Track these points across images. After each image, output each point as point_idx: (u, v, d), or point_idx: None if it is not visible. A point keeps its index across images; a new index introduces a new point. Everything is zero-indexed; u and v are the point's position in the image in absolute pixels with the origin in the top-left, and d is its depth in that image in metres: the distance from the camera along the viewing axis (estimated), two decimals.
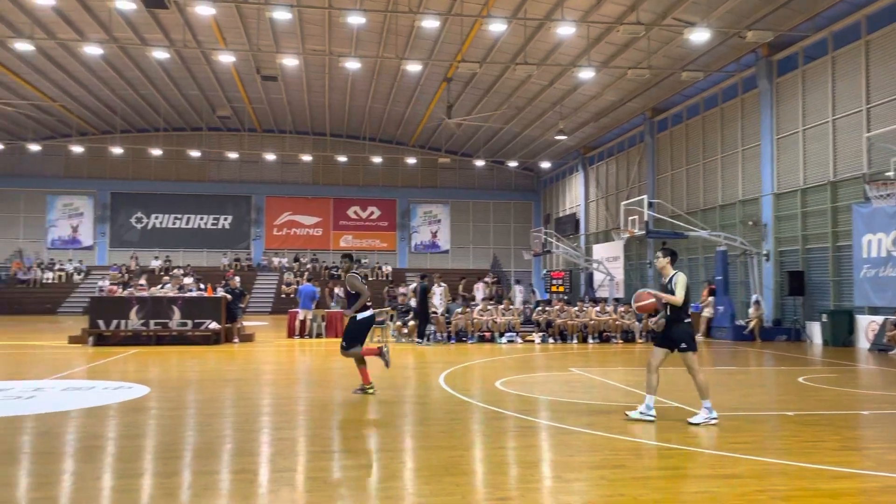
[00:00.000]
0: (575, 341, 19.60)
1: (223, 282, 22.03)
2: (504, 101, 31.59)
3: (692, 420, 7.63)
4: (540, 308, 21.09)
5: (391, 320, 20.30)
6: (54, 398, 9.39)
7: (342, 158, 40.75)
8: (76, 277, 39.28)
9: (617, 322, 20.02)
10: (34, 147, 36.98)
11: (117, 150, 37.90)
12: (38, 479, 5.61)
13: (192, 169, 42.50)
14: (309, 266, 41.47)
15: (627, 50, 23.70)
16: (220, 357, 15.18)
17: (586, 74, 23.90)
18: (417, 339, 18.61)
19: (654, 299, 7.88)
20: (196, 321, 17.76)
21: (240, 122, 39.91)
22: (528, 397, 9.77)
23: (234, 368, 13.48)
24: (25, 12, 22.97)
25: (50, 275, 38.97)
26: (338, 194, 44.23)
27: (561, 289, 33.75)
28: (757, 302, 21.11)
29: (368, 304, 9.76)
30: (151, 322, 17.56)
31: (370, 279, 41.06)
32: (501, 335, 19.46)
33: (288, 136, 42.61)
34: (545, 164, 40.36)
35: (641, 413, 7.76)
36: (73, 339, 17.99)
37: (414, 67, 26.11)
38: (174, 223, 42.81)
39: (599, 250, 33.62)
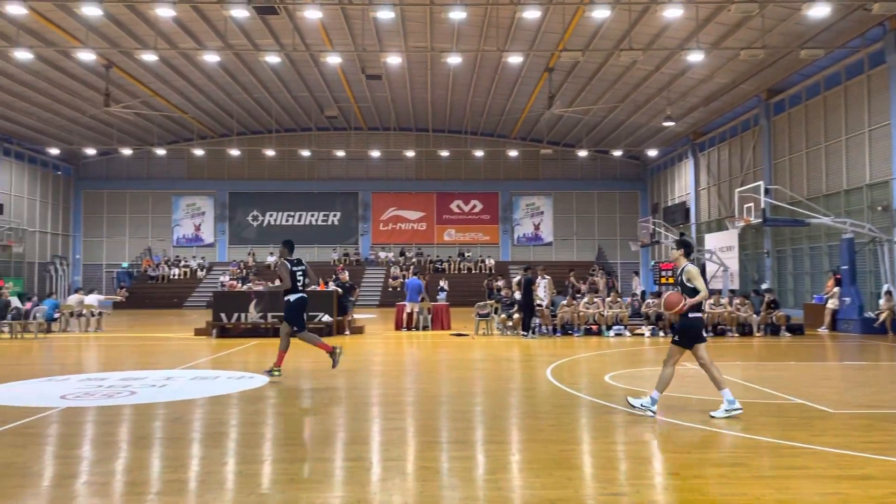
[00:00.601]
0: None
1: (334, 276, 22.79)
2: (608, 89, 30.87)
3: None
4: (650, 300, 20.51)
5: (496, 313, 20.33)
6: (183, 387, 10.03)
7: (444, 153, 41.12)
8: (199, 273, 41.72)
9: (732, 315, 19.17)
10: (160, 151, 39.57)
11: (234, 152, 39.97)
12: (171, 462, 6.01)
13: (302, 168, 44.17)
14: (414, 260, 42.16)
15: (740, 30, 22.58)
16: None
17: (695, 57, 22.98)
18: (522, 332, 18.55)
19: (681, 301, 7.77)
20: (310, 314, 18.41)
21: (346, 122, 41.05)
22: (639, 392, 9.53)
23: (346, 360, 13.88)
24: (150, 25, 24.54)
25: (176, 271, 41.58)
26: (441, 188, 44.68)
27: (671, 280, 32.66)
28: (889, 293, 19.65)
29: (299, 286, 10.53)
30: (269, 315, 18.40)
31: (473, 272, 41.34)
32: (609, 328, 19.09)
33: (392, 132, 43.44)
34: (652, 152, 39.14)
35: (727, 411, 7.49)
36: (199, 332, 19.12)
37: (515, 59, 25.95)
38: (287, 220, 44.66)
39: (712, 240, 32.29)
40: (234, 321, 18.43)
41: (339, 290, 19.44)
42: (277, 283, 10.65)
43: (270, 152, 39.83)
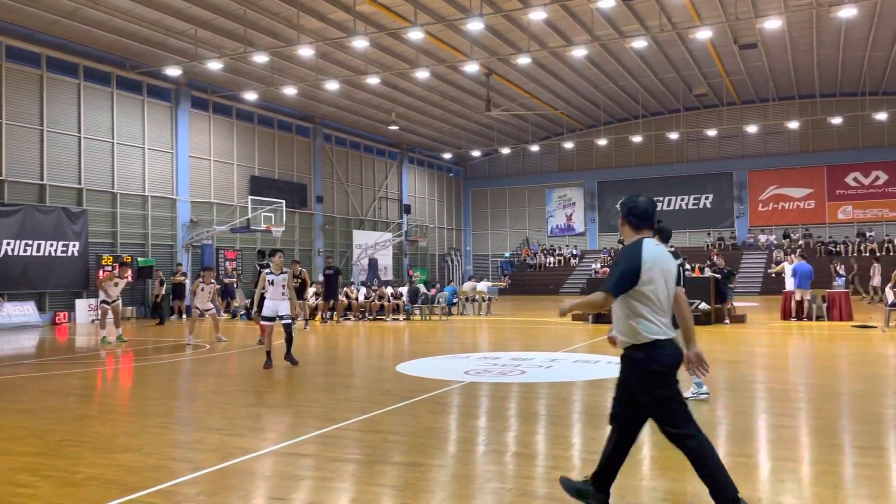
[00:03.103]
0: None
1: (708, 261, 21.86)
2: None
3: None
4: None
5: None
6: (567, 369, 10.64)
7: (836, 120, 36.26)
8: (572, 261, 43.62)
9: None
10: (534, 148, 42.36)
11: (601, 142, 40.79)
12: (556, 439, 6.45)
13: (669, 151, 43.08)
14: (801, 242, 38.09)
15: None
16: (712, 338, 15.09)
17: None
18: None
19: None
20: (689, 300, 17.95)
21: (717, 98, 38.84)
22: None
23: (727, 349, 13.27)
24: (523, 30, 26.33)
25: (551, 259, 44.12)
26: (832, 161, 39.54)
27: None
28: None
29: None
30: None
31: (878, 254, 35.67)
32: None
33: (770, 104, 39.74)
34: None
35: (693, 393, 7.71)
36: (576, 317, 19.99)
37: None
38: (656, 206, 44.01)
39: None
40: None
41: (717, 276, 18.55)
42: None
43: (637, 138, 39.66)
